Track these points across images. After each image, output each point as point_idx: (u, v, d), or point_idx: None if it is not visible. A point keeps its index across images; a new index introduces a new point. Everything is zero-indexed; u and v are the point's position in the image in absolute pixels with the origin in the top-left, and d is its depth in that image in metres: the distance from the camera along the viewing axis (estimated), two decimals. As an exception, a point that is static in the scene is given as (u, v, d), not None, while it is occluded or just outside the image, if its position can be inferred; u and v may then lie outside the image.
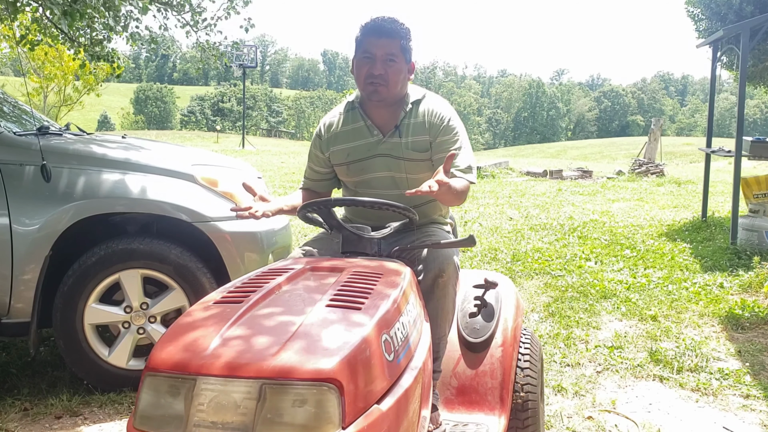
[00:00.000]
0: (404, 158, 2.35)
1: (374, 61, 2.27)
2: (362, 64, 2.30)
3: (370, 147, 2.37)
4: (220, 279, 3.28)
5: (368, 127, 2.38)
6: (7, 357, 3.82)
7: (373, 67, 2.27)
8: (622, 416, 3.07)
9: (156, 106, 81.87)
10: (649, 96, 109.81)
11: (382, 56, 2.26)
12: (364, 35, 2.30)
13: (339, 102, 2.64)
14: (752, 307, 4.62)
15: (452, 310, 2.21)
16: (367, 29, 2.29)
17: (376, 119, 2.38)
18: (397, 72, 2.29)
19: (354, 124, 2.41)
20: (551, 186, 12.94)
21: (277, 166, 16.19)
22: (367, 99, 2.36)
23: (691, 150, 30.07)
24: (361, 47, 2.30)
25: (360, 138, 2.39)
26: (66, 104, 28.65)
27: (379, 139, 2.36)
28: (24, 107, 4.01)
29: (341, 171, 2.45)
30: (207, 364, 1.33)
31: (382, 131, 2.37)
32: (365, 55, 2.29)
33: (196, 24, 6.40)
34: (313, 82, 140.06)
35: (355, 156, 2.39)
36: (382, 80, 2.27)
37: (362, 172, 2.39)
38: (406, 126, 2.36)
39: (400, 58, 2.29)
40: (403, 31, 2.30)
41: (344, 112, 2.45)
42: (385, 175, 2.37)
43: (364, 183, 2.41)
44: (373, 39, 2.27)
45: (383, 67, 2.26)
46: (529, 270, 5.85)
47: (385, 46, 2.26)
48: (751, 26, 6.50)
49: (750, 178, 6.93)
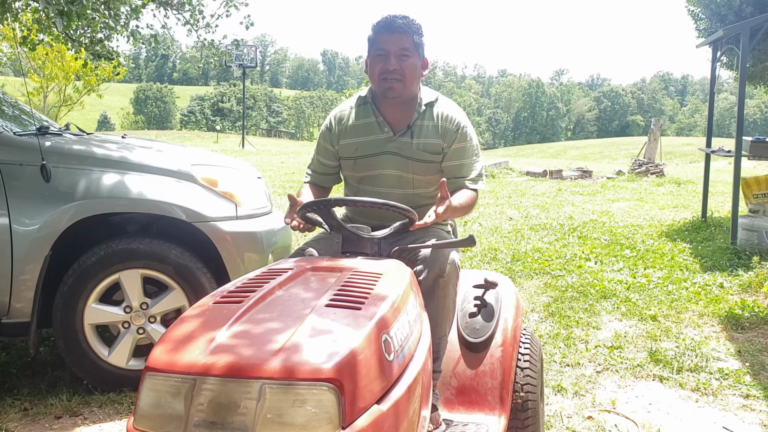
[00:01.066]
0: (414, 159, 2.36)
1: (388, 57, 2.29)
2: (376, 61, 2.32)
3: (380, 144, 2.38)
4: (220, 279, 3.28)
5: (379, 124, 2.39)
6: (7, 357, 3.82)
7: (387, 63, 2.29)
8: (622, 416, 3.07)
9: (156, 106, 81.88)
10: (648, 96, 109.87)
11: (396, 52, 2.28)
12: (376, 33, 2.32)
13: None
14: (752, 307, 4.62)
15: (452, 310, 2.21)
16: (379, 26, 2.32)
17: (388, 116, 2.39)
18: (411, 67, 2.31)
19: (365, 119, 2.41)
20: (551, 186, 12.94)
21: (277, 166, 16.18)
22: (382, 96, 2.37)
23: (691, 150, 30.08)
24: (375, 44, 2.32)
25: (370, 134, 2.39)
26: (66, 104, 28.62)
27: (390, 137, 2.37)
28: (24, 107, 4.01)
29: (347, 165, 2.45)
30: (207, 364, 1.33)
31: (393, 129, 2.38)
32: (379, 52, 2.31)
33: (196, 22, 6.39)
34: (313, 82, 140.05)
35: (363, 151, 2.39)
36: (397, 75, 2.29)
37: (369, 168, 2.39)
38: (418, 127, 2.37)
39: (413, 53, 2.31)
40: (415, 26, 2.33)
41: (356, 107, 2.45)
42: (392, 173, 2.38)
43: (368, 179, 2.41)
44: (385, 35, 2.30)
45: (397, 63, 2.29)
46: (529, 270, 5.85)
47: (398, 41, 2.28)
48: (751, 26, 6.50)
49: (750, 178, 6.93)
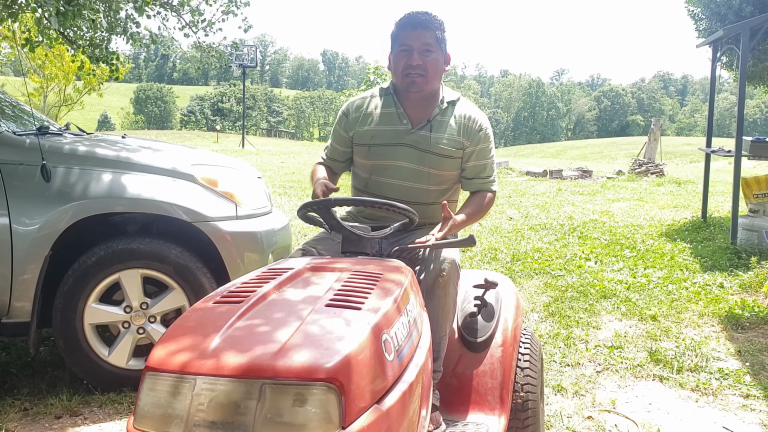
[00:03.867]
0: (431, 152, 2.38)
1: (411, 52, 2.32)
2: (400, 57, 2.35)
3: (397, 134, 2.40)
4: (220, 279, 3.28)
5: (399, 115, 2.41)
6: (7, 357, 3.82)
7: (410, 58, 2.32)
8: (622, 416, 3.07)
9: (156, 106, 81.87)
10: (648, 96, 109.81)
11: (419, 47, 2.32)
12: (399, 29, 2.36)
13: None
14: (752, 307, 4.62)
15: (453, 310, 2.21)
16: (402, 23, 2.36)
17: (409, 109, 2.41)
18: (434, 62, 2.35)
19: (385, 108, 2.44)
20: (551, 186, 12.94)
21: (277, 166, 16.17)
22: (405, 91, 2.40)
23: (691, 150, 30.07)
24: (398, 41, 2.36)
25: (388, 123, 2.41)
26: (66, 104, 28.62)
27: (408, 129, 2.39)
28: (24, 107, 4.01)
29: (361, 152, 2.46)
30: (207, 364, 1.33)
31: (412, 122, 2.40)
32: (402, 48, 2.34)
33: (195, 25, 6.39)
34: (313, 82, 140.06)
35: (379, 140, 2.41)
36: (420, 70, 2.32)
37: (383, 157, 2.40)
38: (438, 122, 2.40)
39: (436, 48, 2.34)
40: (437, 22, 2.36)
41: (377, 96, 2.48)
42: (406, 165, 2.39)
43: (380, 170, 2.42)
44: (408, 31, 2.33)
45: (420, 58, 2.32)
46: (529, 270, 5.85)
47: (420, 37, 2.32)
48: (751, 26, 6.50)
49: (750, 178, 6.93)
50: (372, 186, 2.44)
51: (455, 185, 2.49)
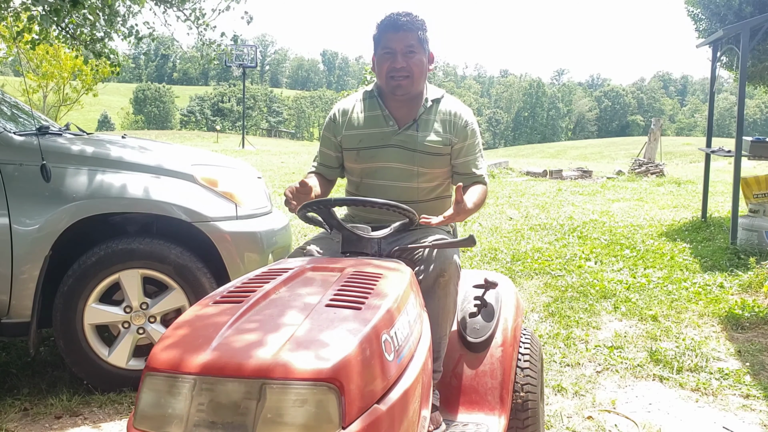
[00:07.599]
0: (419, 151, 2.38)
1: (395, 55, 2.33)
2: (383, 60, 2.35)
3: (384, 136, 2.40)
4: (220, 279, 3.28)
5: (385, 117, 2.42)
6: (7, 357, 3.82)
7: (394, 61, 2.33)
8: (622, 416, 3.07)
9: (156, 106, 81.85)
10: (648, 96, 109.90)
11: (402, 49, 2.32)
12: (381, 32, 2.36)
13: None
14: (752, 307, 4.62)
15: (453, 310, 2.21)
16: (383, 25, 2.36)
17: (394, 110, 2.42)
18: (418, 63, 2.35)
19: (370, 111, 2.44)
20: (551, 186, 12.94)
21: (277, 166, 16.18)
22: (390, 94, 2.40)
23: (691, 150, 30.09)
24: (380, 43, 2.36)
25: (375, 126, 2.42)
26: (65, 104, 28.62)
27: (395, 130, 2.40)
28: (24, 107, 4.01)
29: (350, 157, 2.46)
30: (207, 364, 1.33)
31: (399, 123, 2.41)
32: (385, 51, 2.35)
33: (197, 19, 6.38)
34: (313, 82, 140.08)
35: (367, 143, 2.41)
36: (404, 73, 2.33)
37: (372, 159, 2.41)
38: (424, 121, 2.41)
39: (419, 49, 2.35)
40: (419, 22, 2.36)
41: (361, 100, 2.49)
42: (396, 165, 2.39)
43: (371, 172, 2.42)
44: (390, 34, 2.33)
45: (404, 60, 2.32)
46: (529, 270, 5.85)
47: (403, 39, 2.32)
48: (751, 26, 6.50)
49: (750, 178, 6.93)
50: (363, 189, 2.44)
51: (446, 181, 2.50)
